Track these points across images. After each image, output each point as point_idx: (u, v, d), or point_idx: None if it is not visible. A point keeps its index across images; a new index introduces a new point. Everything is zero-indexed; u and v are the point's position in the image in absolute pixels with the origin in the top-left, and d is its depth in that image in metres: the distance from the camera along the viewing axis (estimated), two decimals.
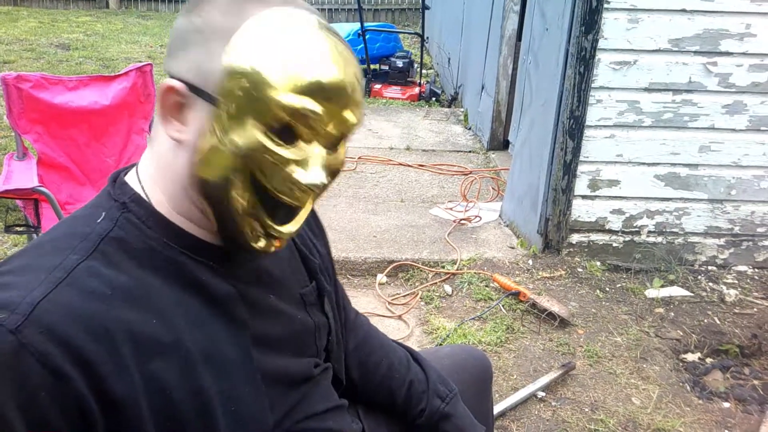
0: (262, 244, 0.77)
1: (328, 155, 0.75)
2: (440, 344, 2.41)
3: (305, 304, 0.92)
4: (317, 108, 0.70)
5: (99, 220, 0.73)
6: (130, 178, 0.78)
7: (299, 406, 0.88)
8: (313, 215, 1.05)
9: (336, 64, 0.71)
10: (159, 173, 0.76)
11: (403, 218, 3.43)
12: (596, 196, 2.94)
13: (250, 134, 0.70)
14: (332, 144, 0.75)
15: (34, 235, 2.57)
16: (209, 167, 0.71)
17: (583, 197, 2.94)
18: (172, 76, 0.73)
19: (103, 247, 0.70)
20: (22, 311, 0.63)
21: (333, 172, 0.77)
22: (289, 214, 0.77)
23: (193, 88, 0.71)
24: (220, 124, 0.70)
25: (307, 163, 0.73)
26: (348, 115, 0.73)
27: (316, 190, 0.74)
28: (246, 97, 0.69)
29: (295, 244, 0.96)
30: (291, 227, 0.78)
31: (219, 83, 0.69)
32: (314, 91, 0.70)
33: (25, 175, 2.50)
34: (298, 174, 0.72)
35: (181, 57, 0.72)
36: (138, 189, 0.76)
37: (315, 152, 0.73)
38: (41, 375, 0.62)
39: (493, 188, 3.91)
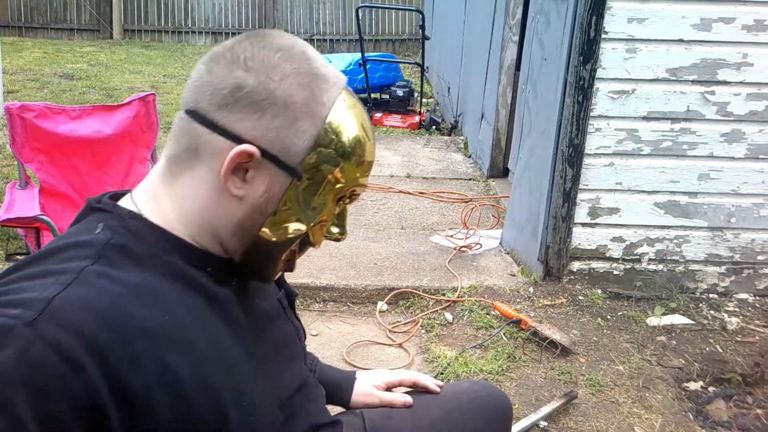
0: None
1: None
2: (441, 372, 2.39)
3: (283, 308, 0.97)
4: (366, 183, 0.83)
5: (97, 231, 0.74)
6: (124, 201, 0.81)
7: (299, 410, 0.91)
8: None
9: (372, 143, 0.83)
10: (186, 207, 0.78)
11: (403, 246, 3.43)
12: (596, 224, 2.94)
13: (329, 206, 0.81)
14: None
15: None
16: (276, 229, 0.79)
17: (583, 225, 2.94)
18: (228, 131, 0.75)
19: (107, 253, 0.72)
20: (36, 308, 0.64)
21: None
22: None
23: (271, 157, 0.75)
24: (299, 195, 0.78)
25: (344, 219, 0.86)
26: (365, 180, 0.84)
27: (342, 239, 0.87)
28: (329, 177, 0.78)
29: None
30: (301, 257, 0.88)
31: (305, 161, 0.76)
32: (368, 169, 0.83)
33: (27, 204, 2.51)
34: (336, 229, 0.86)
35: (251, 119, 0.75)
36: (133, 209, 0.79)
37: (347, 210, 0.87)
38: (55, 365, 0.62)
39: (493, 216, 3.92)
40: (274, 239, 0.79)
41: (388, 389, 1.20)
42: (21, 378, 0.61)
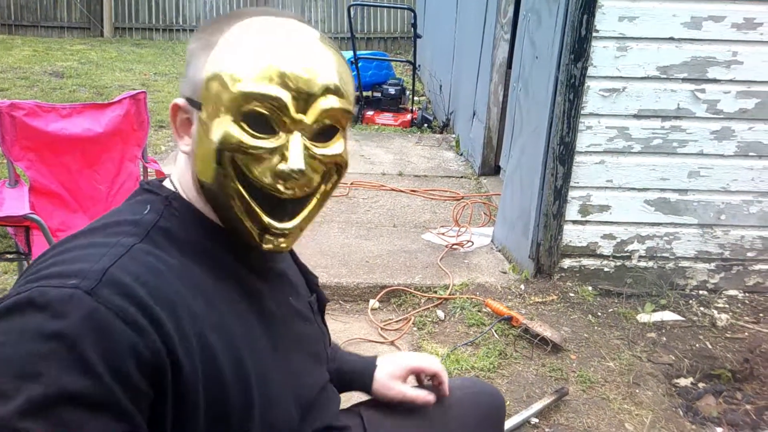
0: (270, 245, 0.79)
1: (316, 146, 0.78)
2: None
3: (312, 311, 0.98)
4: (282, 94, 0.74)
5: (145, 212, 0.78)
6: (167, 182, 0.85)
7: (317, 412, 0.92)
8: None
9: (301, 55, 0.75)
10: (184, 185, 0.83)
11: (395, 243, 3.43)
12: (587, 221, 2.96)
13: (225, 128, 0.74)
14: (316, 134, 0.78)
15: (25, 263, 2.56)
16: (203, 170, 0.77)
17: (574, 222, 2.95)
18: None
19: (153, 234, 0.75)
20: (94, 277, 0.66)
21: (335, 165, 0.81)
22: (287, 211, 0.80)
23: (191, 101, 0.78)
24: (202, 125, 0.76)
25: (287, 150, 0.75)
26: (324, 102, 0.76)
27: (297, 177, 0.76)
28: (218, 95, 0.74)
29: (294, 258, 1.01)
30: (288, 223, 0.80)
31: (201, 89, 0.76)
32: (276, 78, 0.74)
33: (16, 203, 2.49)
34: (280, 164, 0.76)
35: (184, 79, 0.80)
36: (174, 189, 0.83)
37: (294, 140, 0.76)
38: (120, 328, 0.64)
39: (484, 213, 3.93)
40: (206, 182, 0.77)
41: (410, 374, 1.19)
42: (92, 341, 0.63)
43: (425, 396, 1.13)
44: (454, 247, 3.38)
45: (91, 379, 0.62)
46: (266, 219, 0.78)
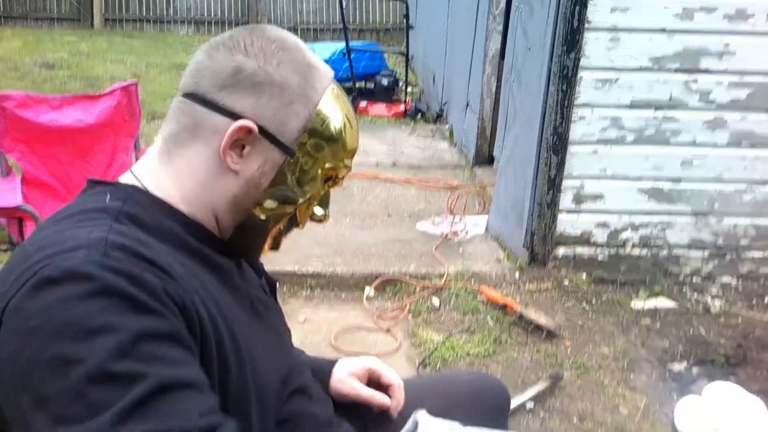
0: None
1: None
2: (428, 357, 2.41)
3: (266, 293, 0.99)
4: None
5: (107, 200, 0.77)
6: (125, 177, 0.83)
7: (295, 377, 0.93)
8: None
9: (356, 131, 0.88)
10: (185, 183, 0.81)
11: (390, 233, 3.44)
12: (581, 210, 2.97)
13: (317, 186, 0.85)
14: None
15: None
16: (268, 206, 0.83)
17: (568, 211, 2.97)
18: (228, 110, 0.79)
19: (122, 219, 0.74)
20: (98, 246, 0.66)
21: None
22: None
23: (267, 135, 0.80)
24: (291, 173, 0.82)
25: (327, 202, 0.91)
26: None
27: (326, 220, 0.92)
28: (322, 158, 0.84)
29: None
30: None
31: (297, 140, 0.81)
32: (352, 154, 0.88)
33: (9, 194, 2.48)
34: (317, 210, 0.91)
35: (250, 99, 0.79)
36: (136, 183, 0.81)
37: (330, 194, 0.91)
38: (149, 278, 0.65)
39: (479, 203, 3.94)
40: (264, 217, 0.83)
41: (367, 375, 1.15)
42: (133, 287, 0.63)
43: (381, 398, 1.09)
44: (449, 236, 3.39)
45: (151, 315, 0.63)
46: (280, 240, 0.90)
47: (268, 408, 0.83)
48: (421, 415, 0.74)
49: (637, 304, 2.80)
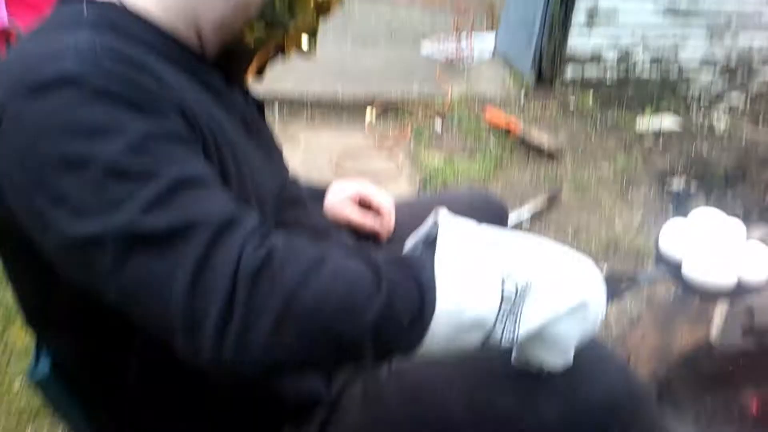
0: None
1: None
2: (429, 179, 2.43)
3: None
4: None
5: (85, 14, 0.70)
6: None
7: (287, 190, 0.94)
8: None
9: None
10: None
11: (393, 55, 3.33)
12: (593, 26, 2.84)
13: (310, 13, 0.81)
14: None
15: None
16: (255, 30, 0.78)
17: (580, 28, 2.84)
18: None
19: (102, 30, 0.69)
20: (88, 52, 0.62)
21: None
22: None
23: None
24: None
25: (316, 34, 0.85)
26: None
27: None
28: None
29: None
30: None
31: None
32: None
33: None
34: (305, 40, 0.84)
35: None
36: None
37: (319, 27, 0.84)
38: (147, 81, 0.63)
39: (487, 23, 3.77)
40: (251, 41, 0.79)
41: (358, 197, 1.15)
42: (133, 91, 0.61)
43: (371, 222, 1.10)
44: (454, 58, 3.29)
45: (155, 116, 0.61)
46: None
47: (268, 217, 0.83)
48: (442, 213, 0.75)
49: (642, 124, 2.77)
